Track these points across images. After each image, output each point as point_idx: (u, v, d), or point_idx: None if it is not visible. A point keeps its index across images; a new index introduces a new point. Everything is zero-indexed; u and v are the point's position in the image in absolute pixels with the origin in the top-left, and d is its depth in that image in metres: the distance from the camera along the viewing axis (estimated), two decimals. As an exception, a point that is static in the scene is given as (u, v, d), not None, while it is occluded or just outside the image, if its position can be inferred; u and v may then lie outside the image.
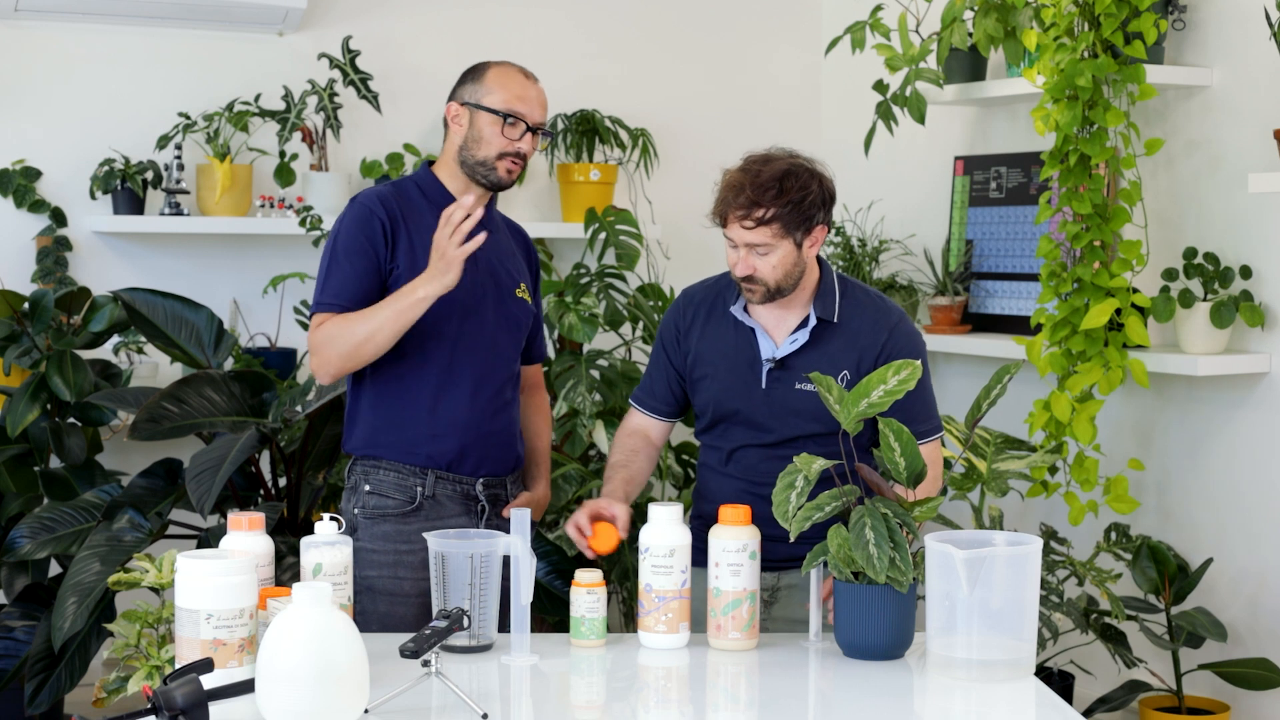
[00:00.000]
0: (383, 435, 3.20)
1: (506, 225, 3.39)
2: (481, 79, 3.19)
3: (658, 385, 3.18)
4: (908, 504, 2.70)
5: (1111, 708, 4.14)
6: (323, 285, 3.15)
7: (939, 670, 2.62)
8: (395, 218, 3.16)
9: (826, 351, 3.01)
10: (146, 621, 3.05)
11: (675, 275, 5.13)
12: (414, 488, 3.18)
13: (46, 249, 4.62)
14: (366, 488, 3.20)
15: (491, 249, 3.23)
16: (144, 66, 4.76)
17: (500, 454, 3.26)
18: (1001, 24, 4.25)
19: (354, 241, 3.14)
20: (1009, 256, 4.72)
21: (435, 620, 2.53)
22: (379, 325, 3.05)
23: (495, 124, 3.15)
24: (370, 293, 3.12)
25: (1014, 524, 4.58)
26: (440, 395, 3.18)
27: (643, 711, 2.59)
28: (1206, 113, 4.18)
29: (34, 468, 4.34)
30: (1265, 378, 4.06)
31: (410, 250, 3.15)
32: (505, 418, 3.27)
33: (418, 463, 3.18)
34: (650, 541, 2.78)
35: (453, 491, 3.21)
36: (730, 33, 5.48)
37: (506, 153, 3.16)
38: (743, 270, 2.95)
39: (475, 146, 3.17)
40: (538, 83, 3.24)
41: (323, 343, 3.10)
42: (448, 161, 3.23)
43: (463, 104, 3.19)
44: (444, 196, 3.20)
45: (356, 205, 3.19)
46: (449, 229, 3.00)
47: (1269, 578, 4.08)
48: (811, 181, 2.94)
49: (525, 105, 3.18)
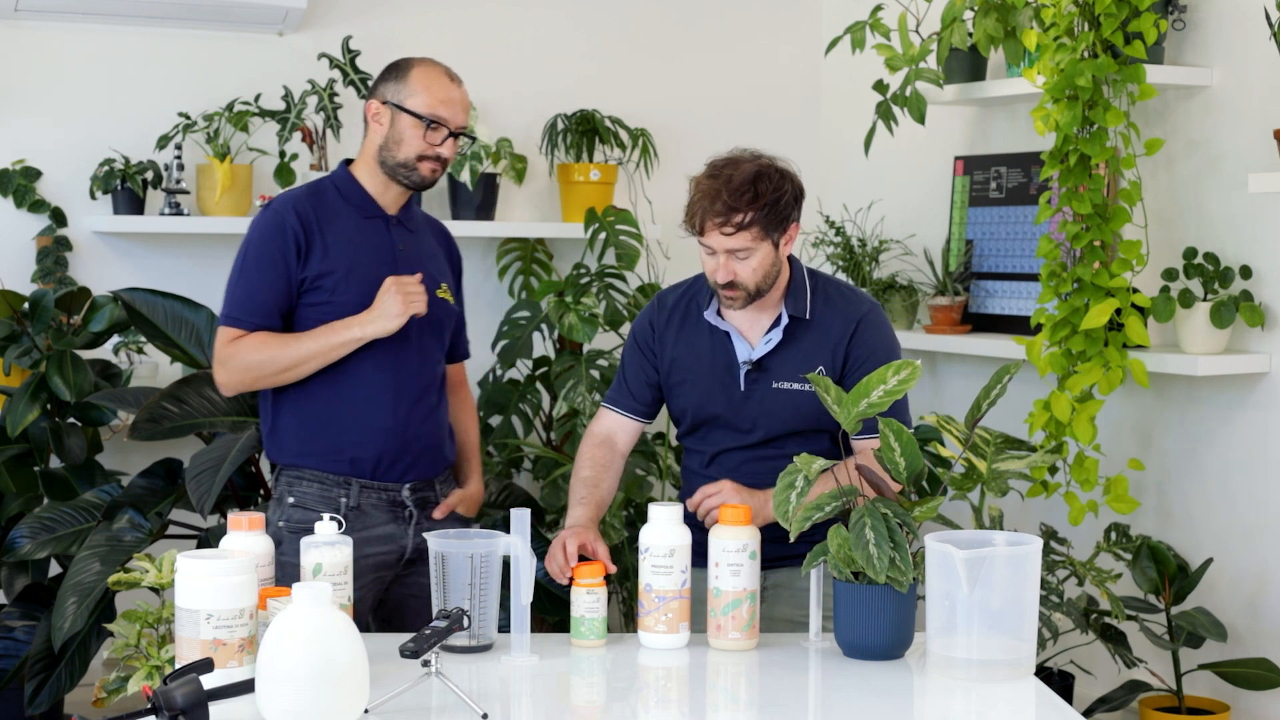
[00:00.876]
0: (306, 444, 3.17)
1: (429, 224, 3.34)
2: (405, 78, 3.14)
3: (635, 385, 3.14)
4: (907, 504, 2.70)
5: (1111, 708, 4.14)
6: (232, 297, 3.12)
7: (939, 670, 2.62)
8: (309, 225, 3.11)
9: (800, 348, 3.01)
10: (146, 621, 3.05)
11: (675, 275, 5.12)
12: (338, 499, 3.15)
13: (46, 249, 4.62)
14: (290, 500, 3.17)
15: (413, 250, 3.20)
16: (144, 66, 4.76)
17: (427, 458, 3.23)
18: (1001, 24, 4.25)
19: (264, 253, 3.10)
20: (1009, 256, 4.72)
21: (435, 620, 2.53)
22: (307, 356, 3.07)
23: (417, 128, 3.10)
24: (280, 305, 3.10)
25: (1014, 524, 4.58)
26: (364, 402, 3.14)
27: (643, 711, 2.59)
28: (1206, 113, 4.18)
29: (34, 468, 4.34)
30: (1265, 378, 4.06)
31: (326, 256, 3.11)
32: (431, 421, 3.23)
33: (342, 471, 3.15)
34: (650, 541, 2.78)
35: (378, 500, 3.18)
36: (730, 33, 5.48)
37: (427, 156, 3.12)
38: (724, 276, 2.93)
39: (396, 148, 3.13)
40: (461, 85, 3.18)
41: (238, 363, 3.09)
42: (367, 160, 3.18)
43: (384, 102, 3.14)
44: (363, 199, 3.17)
45: (270, 213, 3.14)
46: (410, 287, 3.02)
47: (1269, 578, 4.08)
48: (783, 181, 2.93)
49: (448, 110, 3.12)
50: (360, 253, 3.15)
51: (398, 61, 3.20)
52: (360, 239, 3.16)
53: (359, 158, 3.22)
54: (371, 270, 3.14)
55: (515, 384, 4.90)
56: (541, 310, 4.77)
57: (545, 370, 4.89)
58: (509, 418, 4.83)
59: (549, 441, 4.97)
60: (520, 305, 4.91)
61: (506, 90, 5.15)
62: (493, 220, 5.03)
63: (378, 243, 3.17)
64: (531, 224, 5.17)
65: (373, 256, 3.16)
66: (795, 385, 3.00)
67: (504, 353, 4.83)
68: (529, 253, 5.14)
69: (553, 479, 4.41)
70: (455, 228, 4.92)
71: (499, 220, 5.08)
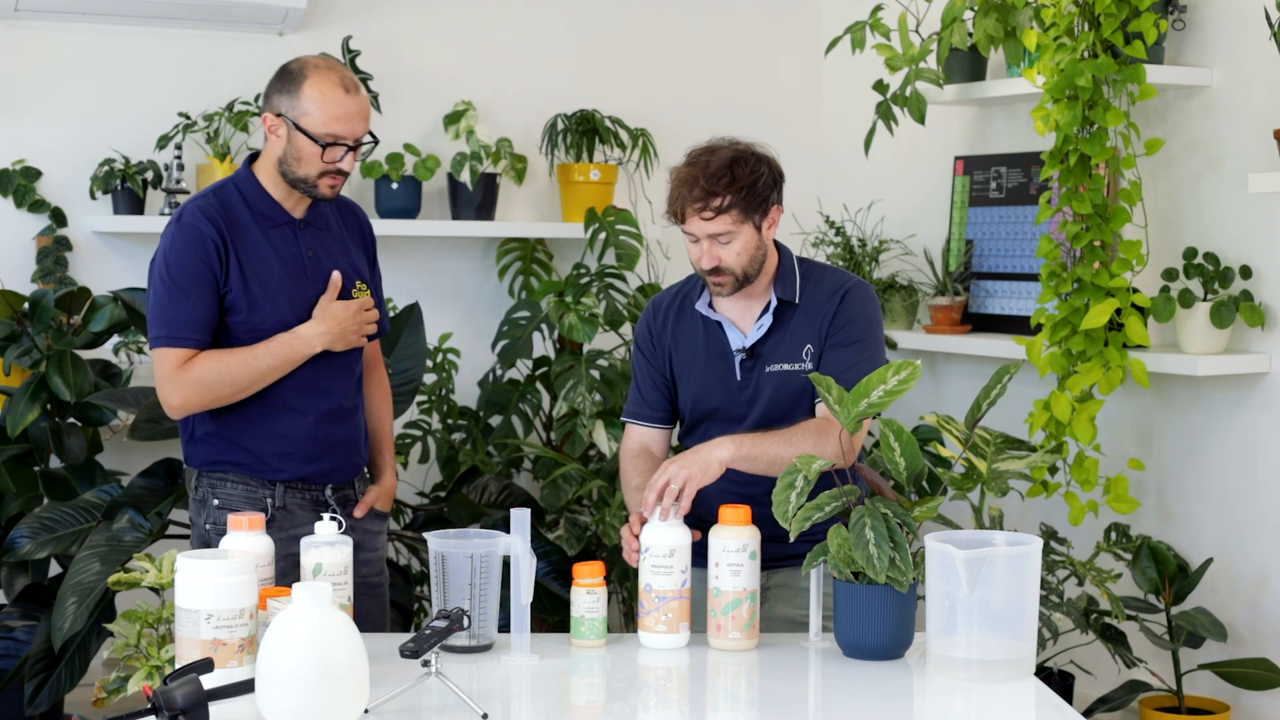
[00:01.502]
0: (226, 454, 3.14)
1: (336, 210, 3.24)
2: (298, 92, 3.01)
3: (648, 393, 3.16)
4: (907, 504, 2.70)
5: (1111, 708, 4.14)
6: (169, 317, 3.02)
7: (939, 670, 2.62)
8: (225, 236, 3.05)
9: (790, 330, 3.03)
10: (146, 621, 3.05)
11: (675, 275, 5.12)
12: (264, 499, 3.14)
13: (46, 249, 4.62)
14: (215, 502, 3.15)
15: (322, 254, 3.16)
16: (144, 66, 4.76)
17: (347, 461, 3.22)
18: (1001, 24, 4.25)
19: (193, 268, 3.02)
20: (1009, 256, 4.72)
21: (435, 620, 2.53)
22: (265, 372, 3.04)
23: (314, 147, 3.01)
24: (215, 320, 3.05)
25: (1014, 524, 4.58)
26: (282, 414, 3.12)
27: (643, 711, 2.59)
28: (1206, 113, 4.18)
29: (34, 468, 4.34)
30: (1265, 378, 4.06)
31: (240, 270, 3.05)
32: (349, 425, 3.22)
33: (265, 476, 3.14)
34: (650, 541, 2.78)
35: (303, 500, 3.17)
36: (730, 33, 5.48)
37: (327, 172, 3.05)
38: (709, 262, 2.96)
39: (295, 164, 3.05)
40: (358, 93, 3.05)
41: (194, 383, 3.01)
42: (268, 167, 3.11)
43: (278, 115, 3.04)
44: (270, 207, 3.11)
45: (186, 227, 3.05)
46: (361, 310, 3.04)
47: (1269, 578, 4.07)
48: (760, 164, 2.97)
49: (345, 125, 3.02)
50: (272, 265, 3.09)
51: (289, 68, 3.06)
52: (271, 250, 3.10)
53: (261, 161, 3.13)
54: (284, 283, 3.10)
55: (515, 384, 4.90)
56: (541, 310, 4.77)
57: (545, 370, 4.89)
58: (509, 418, 4.83)
59: (549, 441, 4.97)
60: (520, 305, 4.91)
61: (506, 90, 5.15)
62: (493, 220, 5.03)
63: (286, 252, 3.12)
64: (531, 224, 5.17)
65: (283, 267, 3.11)
66: (787, 366, 3.01)
67: (504, 353, 4.82)
68: (529, 253, 5.14)
69: (553, 479, 4.41)
70: (455, 228, 4.97)
71: (499, 220, 5.08)
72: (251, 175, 3.13)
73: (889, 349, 4.72)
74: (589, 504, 4.51)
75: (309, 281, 3.13)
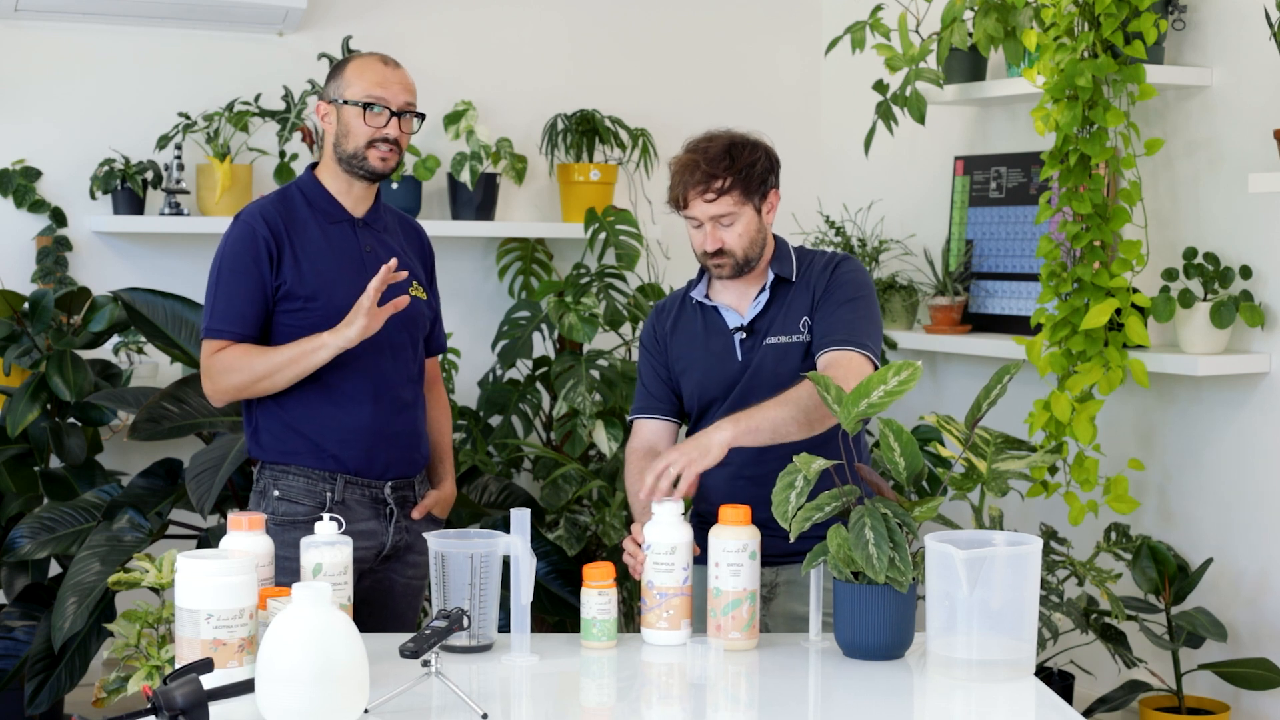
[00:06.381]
0: (289, 443, 3.19)
1: (399, 222, 3.38)
2: (341, 75, 3.20)
3: (654, 387, 3.18)
4: (907, 504, 2.70)
5: (1111, 708, 4.14)
6: (212, 309, 3.15)
7: (939, 670, 2.62)
8: (279, 233, 3.15)
9: (786, 304, 3.07)
10: (146, 621, 3.05)
11: (675, 275, 5.13)
12: (323, 493, 3.17)
13: (46, 249, 4.62)
14: (276, 493, 3.18)
15: (383, 250, 3.23)
16: (144, 66, 4.77)
17: (406, 455, 3.26)
18: (1001, 24, 4.25)
19: (240, 263, 3.14)
20: (1009, 256, 4.72)
21: (435, 620, 2.53)
22: (277, 368, 3.09)
23: (358, 114, 3.15)
24: (260, 315, 3.14)
25: (1014, 524, 4.58)
26: (343, 401, 3.17)
27: (644, 710, 2.59)
28: (1206, 113, 4.18)
29: (34, 468, 4.34)
30: (1265, 378, 4.06)
31: (295, 264, 3.14)
32: (408, 418, 3.26)
33: (326, 467, 3.18)
34: (652, 539, 2.79)
35: (362, 496, 3.20)
36: (730, 33, 5.48)
37: (375, 139, 3.16)
38: (711, 244, 3.01)
39: (345, 140, 3.18)
40: (399, 68, 3.23)
41: (220, 372, 3.12)
42: (328, 162, 3.24)
43: (329, 102, 3.20)
44: (329, 202, 3.21)
45: (240, 224, 3.18)
46: (377, 283, 3.03)
47: (1269, 578, 4.08)
48: (757, 149, 3.04)
49: (385, 90, 3.17)
50: (328, 259, 3.17)
51: (336, 62, 3.26)
52: (327, 245, 3.19)
53: (322, 161, 3.26)
54: (341, 276, 3.17)
55: (515, 384, 4.90)
56: (541, 310, 4.77)
57: (545, 370, 4.89)
58: (509, 418, 4.83)
59: (549, 441, 4.97)
60: (520, 305, 4.91)
61: (507, 90, 5.16)
62: (493, 220, 5.03)
63: (345, 247, 3.20)
64: (531, 224, 5.17)
65: (341, 261, 3.18)
66: (785, 338, 3.04)
67: (504, 353, 4.83)
68: (529, 253, 5.14)
69: (552, 479, 4.41)
70: (455, 228, 4.96)
71: (499, 220, 5.08)
72: (313, 176, 3.25)
73: (889, 349, 4.72)
74: (589, 504, 4.51)
75: (367, 276, 3.16)
